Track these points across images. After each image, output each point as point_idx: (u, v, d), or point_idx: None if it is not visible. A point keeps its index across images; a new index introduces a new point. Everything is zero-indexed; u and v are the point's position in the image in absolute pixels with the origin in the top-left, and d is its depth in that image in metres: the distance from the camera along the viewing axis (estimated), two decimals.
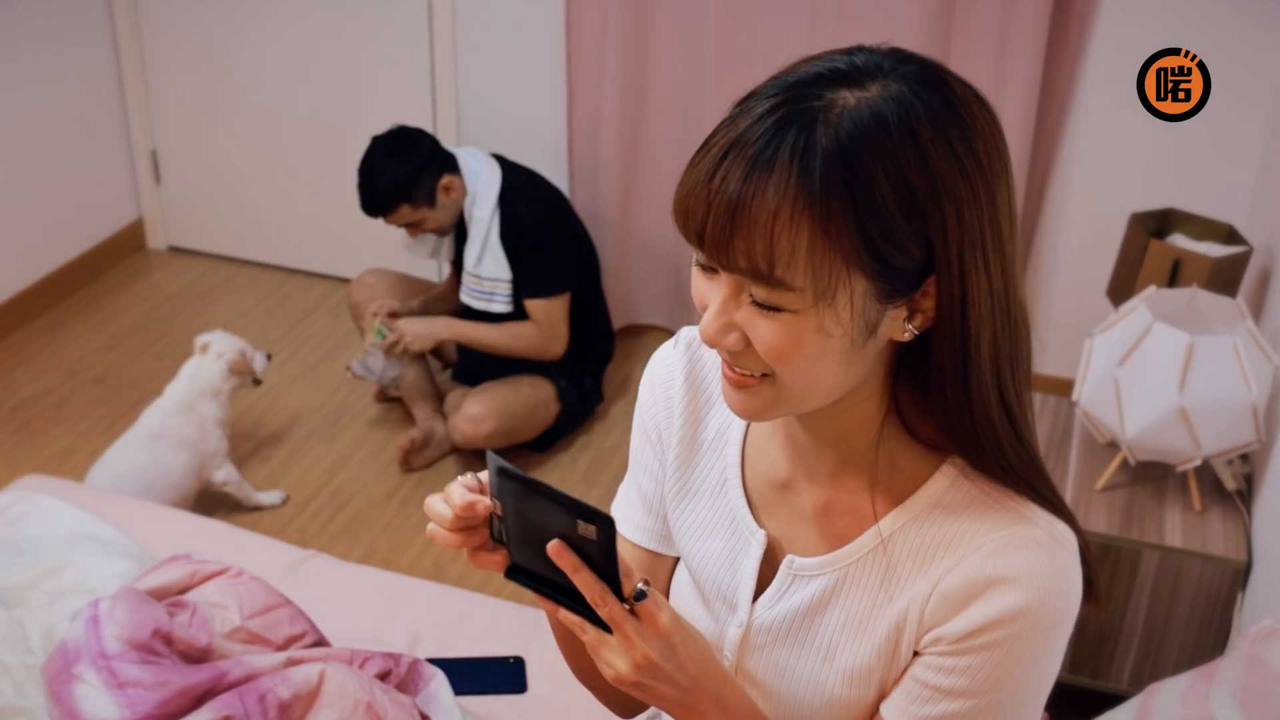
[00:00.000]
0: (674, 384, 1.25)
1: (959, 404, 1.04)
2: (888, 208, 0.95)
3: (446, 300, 3.66)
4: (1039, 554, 1.04)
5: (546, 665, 2.12)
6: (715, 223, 0.97)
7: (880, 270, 0.97)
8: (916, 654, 1.09)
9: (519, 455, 3.48)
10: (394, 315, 3.47)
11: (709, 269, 1.02)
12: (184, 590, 1.96)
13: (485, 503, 1.06)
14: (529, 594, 1.11)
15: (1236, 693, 1.79)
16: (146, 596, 1.86)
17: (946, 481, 1.09)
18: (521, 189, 3.39)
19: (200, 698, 1.71)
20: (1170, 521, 2.48)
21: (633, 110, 3.70)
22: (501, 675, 2.11)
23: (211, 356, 3.22)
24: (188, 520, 2.51)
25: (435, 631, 2.18)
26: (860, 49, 1.05)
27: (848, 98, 0.98)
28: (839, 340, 0.99)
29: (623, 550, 1.22)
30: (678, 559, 1.29)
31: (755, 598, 1.18)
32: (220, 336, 3.27)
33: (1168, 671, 2.48)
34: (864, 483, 1.12)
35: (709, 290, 1.02)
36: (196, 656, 1.80)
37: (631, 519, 1.30)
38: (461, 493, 1.06)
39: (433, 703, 1.89)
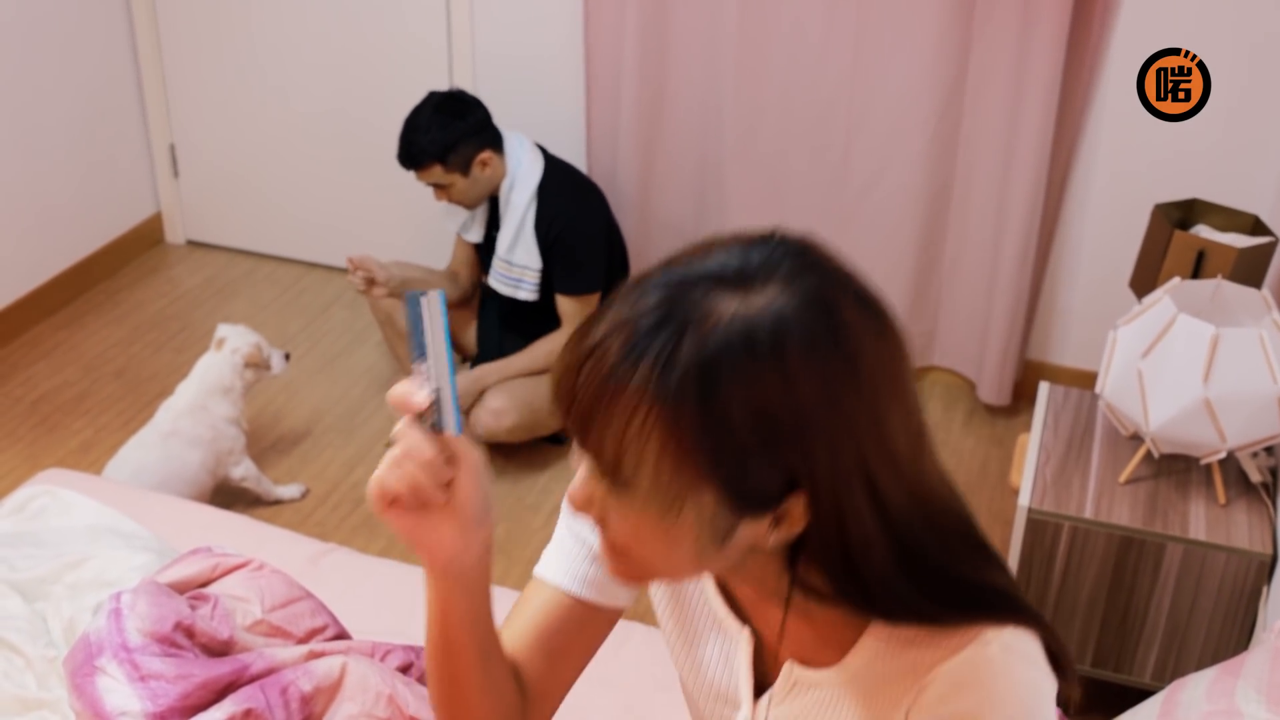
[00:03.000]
0: None
1: (864, 604, 1.02)
2: (742, 433, 0.91)
3: (439, 286, 3.61)
4: (994, 679, 1.01)
5: None
6: (577, 412, 0.95)
7: (733, 489, 0.94)
8: None
9: (539, 448, 3.47)
10: (372, 283, 3.44)
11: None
12: (205, 583, 1.96)
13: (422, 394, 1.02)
14: None
15: (1263, 687, 1.77)
16: (168, 589, 1.86)
17: (881, 639, 1.06)
18: (561, 183, 3.38)
19: (222, 690, 1.71)
20: (1195, 514, 2.46)
21: (651, 106, 3.68)
22: None
23: (226, 352, 3.21)
24: (208, 513, 2.51)
25: None
26: (767, 241, 0.97)
27: (725, 308, 0.91)
28: (687, 547, 0.98)
29: (555, 607, 1.23)
30: (618, 611, 1.26)
31: (758, 694, 1.16)
32: (238, 331, 3.26)
33: (1191, 666, 2.46)
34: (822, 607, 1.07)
35: (578, 460, 1.02)
36: (218, 649, 1.80)
37: (572, 570, 1.24)
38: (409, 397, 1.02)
39: None
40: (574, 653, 1.26)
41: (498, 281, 3.41)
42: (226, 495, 3.24)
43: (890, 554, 0.99)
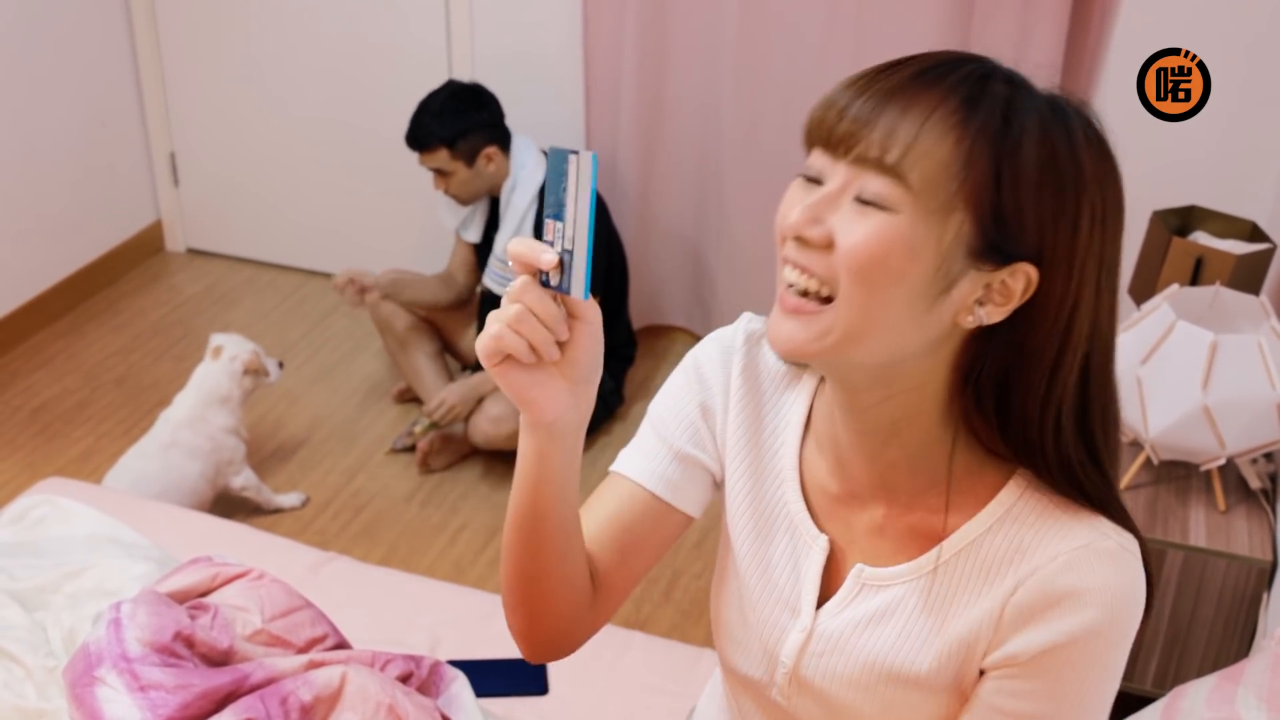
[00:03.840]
0: (731, 372, 1.23)
1: (1036, 429, 1.04)
2: (1028, 165, 0.97)
3: (433, 287, 3.61)
4: (1110, 566, 1.04)
5: (567, 666, 2.11)
6: (867, 102, 0.99)
7: (991, 222, 0.97)
8: (983, 672, 1.08)
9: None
10: (364, 291, 3.45)
11: (814, 181, 1.02)
12: (205, 593, 1.96)
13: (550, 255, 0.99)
14: None
15: (1263, 694, 1.77)
16: (168, 599, 1.86)
17: (1016, 494, 1.08)
18: None
19: (222, 700, 1.71)
20: (1194, 521, 2.46)
21: (650, 107, 3.69)
22: (522, 676, 2.10)
23: (224, 360, 3.20)
24: (208, 523, 2.51)
25: (456, 633, 2.18)
26: None
27: (1025, 86, 1.02)
28: (917, 275, 0.98)
29: (633, 502, 1.23)
30: (690, 518, 1.26)
31: (819, 604, 1.17)
32: (234, 340, 3.26)
33: (1192, 673, 2.46)
34: (927, 491, 1.10)
35: (801, 198, 1.02)
36: (218, 659, 1.80)
37: (652, 468, 1.24)
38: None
39: (454, 705, 1.89)
40: (645, 550, 1.26)
41: (493, 281, 3.42)
42: (226, 504, 3.24)
43: (1073, 393, 1.04)
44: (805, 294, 1.03)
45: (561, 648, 1.26)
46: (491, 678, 2.08)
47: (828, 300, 1.01)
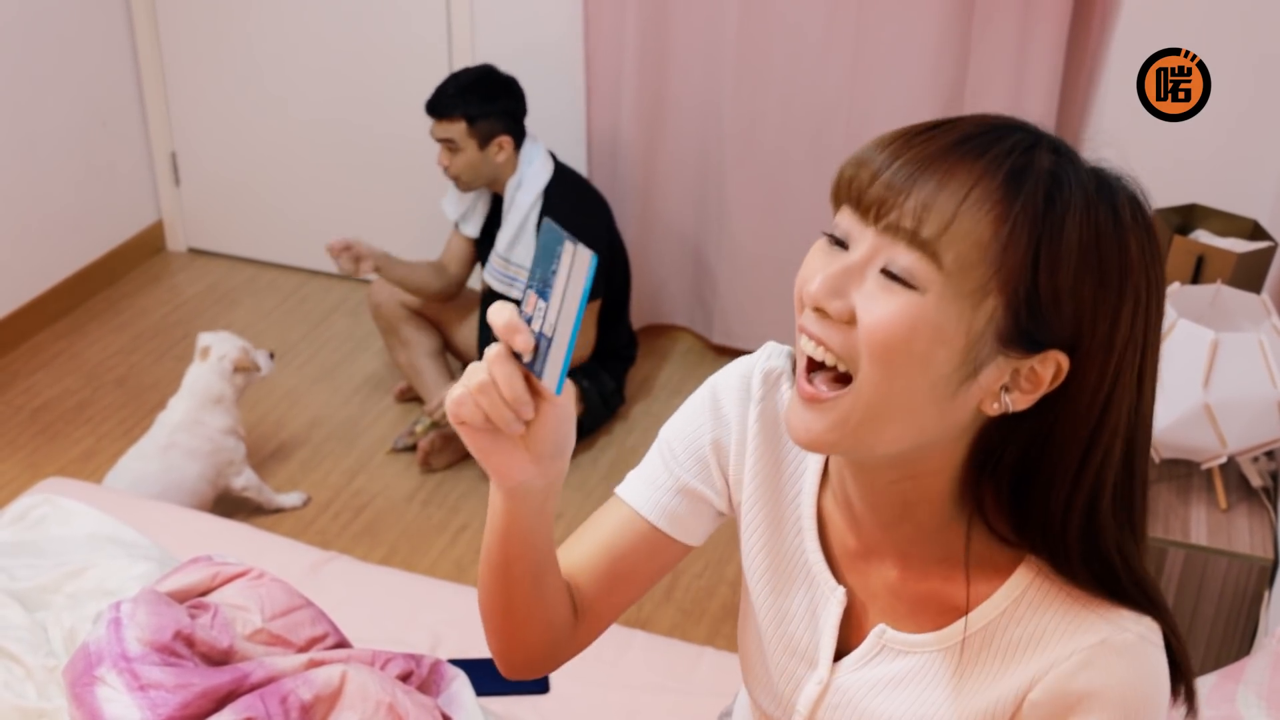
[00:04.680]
0: (749, 415, 1.19)
1: (1058, 522, 1.00)
2: (1071, 246, 0.91)
3: (423, 272, 3.61)
4: (1127, 663, 1.00)
5: (569, 666, 2.11)
6: (904, 168, 0.93)
7: (1028, 306, 0.92)
8: None
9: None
10: (359, 259, 3.43)
11: (839, 243, 0.98)
12: (205, 592, 1.96)
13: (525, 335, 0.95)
14: None
15: (1263, 692, 1.77)
16: (168, 598, 1.86)
17: (1029, 577, 1.04)
18: (567, 191, 3.39)
19: (222, 700, 1.71)
20: (1195, 519, 2.46)
21: (651, 106, 3.69)
22: None
23: (212, 361, 3.18)
24: (208, 522, 2.51)
25: (456, 632, 2.18)
26: None
27: (1069, 159, 0.97)
28: (943, 359, 0.93)
29: (630, 529, 1.21)
30: (689, 548, 1.24)
31: (836, 657, 1.15)
32: (221, 338, 3.24)
33: (1193, 671, 2.46)
34: (942, 562, 1.07)
35: (825, 265, 0.97)
36: (218, 658, 1.80)
37: (655, 499, 1.22)
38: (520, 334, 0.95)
39: (454, 703, 1.89)
40: (636, 578, 1.24)
41: (493, 277, 3.43)
42: (227, 503, 3.23)
43: (1103, 486, 0.99)
44: (821, 366, 0.98)
45: (540, 669, 1.25)
46: (492, 676, 2.05)
47: (845, 378, 0.97)
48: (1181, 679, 1.05)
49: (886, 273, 0.93)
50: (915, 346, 0.93)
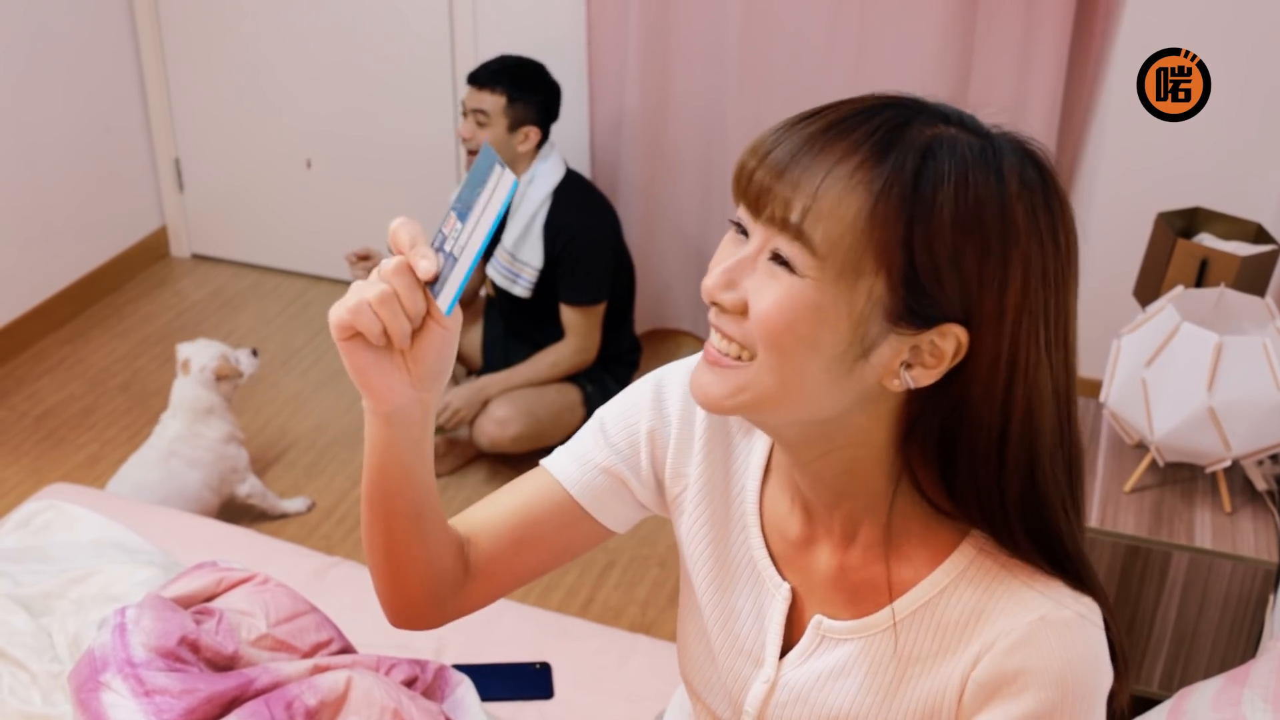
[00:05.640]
0: (696, 414, 1.19)
1: (992, 494, 1.00)
2: (944, 220, 0.91)
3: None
4: (1065, 640, 1.00)
5: (573, 671, 2.11)
6: (774, 161, 0.94)
7: (907, 283, 0.92)
8: None
9: (543, 458, 3.47)
10: (365, 257, 3.44)
11: (741, 231, 0.98)
12: (210, 598, 1.96)
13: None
14: (554, 600, 1.09)
15: (1269, 696, 1.77)
16: (173, 604, 1.86)
17: (970, 554, 1.04)
18: (575, 193, 3.41)
19: (227, 705, 1.71)
20: (1200, 523, 2.45)
21: (654, 107, 3.69)
22: (527, 681, 2.10)
23: (194, 373, 3.16)
24: (213, 528, 2.51)
25: (461, 638, 2.18)
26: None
27: (955, 130, 0.95)
28: (830, 341, 0.94)
29: (547, 497, 1.21)
30: (609, 532, 1.24)
31: (782, 654, 1.15)
32: (199, 348, 3.20)
33: (1198, 674, 2.46)
34: (885, 550, 1.07)
35: (729, 254, 0.99)
36: (223, 664, 1.80)
37: (580, 475, 1.22)
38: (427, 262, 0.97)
39: (459, 709, 1.89)
40: (542, 548, 1.23)
41: (496, 272, 3.43)
42: (231, 509, 3.24)
43: (1029, 457, 0.98)
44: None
45: (425, 619, 1.24)
46: (496, 682, 2.08)
47: (745, 358, 0.98)
48: (1117, 661, 1.05)
49: (774, 259, 0.95)
50: (800, 330, 0.94)
